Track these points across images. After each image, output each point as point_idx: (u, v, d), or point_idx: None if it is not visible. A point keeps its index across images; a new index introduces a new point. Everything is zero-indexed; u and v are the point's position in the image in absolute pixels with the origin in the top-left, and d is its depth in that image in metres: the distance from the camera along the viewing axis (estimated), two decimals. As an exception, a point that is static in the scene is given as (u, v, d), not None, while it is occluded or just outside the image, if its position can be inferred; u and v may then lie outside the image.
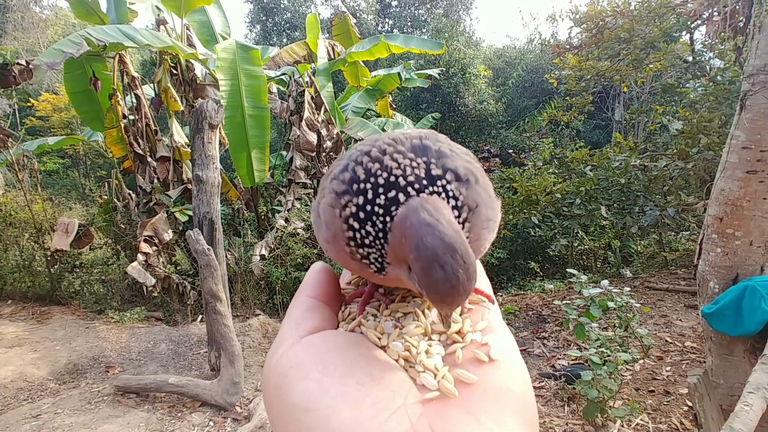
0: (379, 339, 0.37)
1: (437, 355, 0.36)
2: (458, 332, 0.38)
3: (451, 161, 0.37)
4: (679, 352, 3.88)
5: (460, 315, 0.39)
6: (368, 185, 0.35)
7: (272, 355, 0.36)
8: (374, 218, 0.35)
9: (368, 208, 0.35)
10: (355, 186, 0.36)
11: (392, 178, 0.35)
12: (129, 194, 6.42)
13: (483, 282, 0.44)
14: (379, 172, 0.36)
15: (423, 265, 0.32)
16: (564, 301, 3.31)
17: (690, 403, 2.98)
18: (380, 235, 0.35)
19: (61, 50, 4.54)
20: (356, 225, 0.36)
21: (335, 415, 0.30)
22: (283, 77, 7.44)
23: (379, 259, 0.36)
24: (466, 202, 0.36)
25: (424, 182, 0.35)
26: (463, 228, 0.35)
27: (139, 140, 6.19)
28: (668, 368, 3.62)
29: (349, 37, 8.19)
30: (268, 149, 6.44)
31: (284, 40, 17.05)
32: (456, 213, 0.35)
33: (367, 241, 0.36)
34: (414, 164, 0.36)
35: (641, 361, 3.46)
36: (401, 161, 0.36)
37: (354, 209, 0.35)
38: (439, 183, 0.36)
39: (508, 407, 0.32)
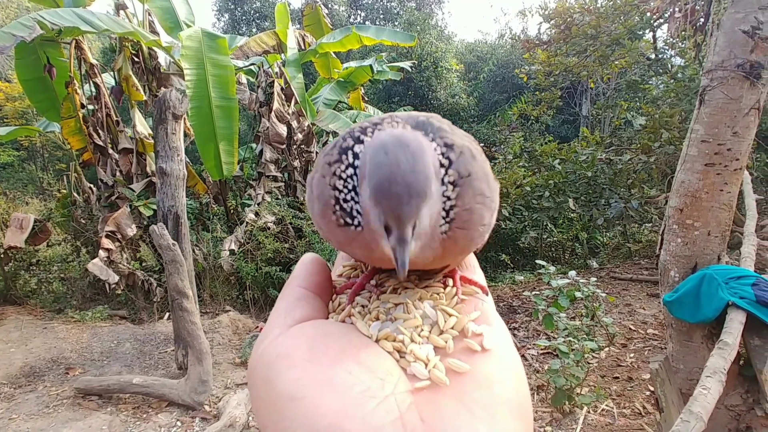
0: (369, 329, 0.36)
1: (428, 345, 0.36)
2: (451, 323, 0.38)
3: (450, 136, 0.36)
4: (642, 340, 4.03)
5: (453, 307, 0.39)
6: (357, 150, 0.35)
7: (259, 344, 0.35)
8: (356, 177, 0.34)
9: (352, 170, 0.34)
10: (344, 155, 0.35)
11: None
12: (89, 188, 6.12)
13: (477, 274, 0.44)
14: (368, 140, 0.35)
15: (372, 182, 0.31)
16: (533, 292, 3.36)
17: (652, 388, 3.09)
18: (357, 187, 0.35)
19: (11, 34, 4.25)
20: (342, 186, 0.35)
21: (322, 403, 0.29)
22: (251, 67, 7.25)
23: (357, 213, 0.35)
24: (457, 168, 0.35)
25: None
26: (452, 192, 0.34)
27: (99, 131, 5.90)
28: (632, 355, 3.76)
29: (320, 27, 8.04)
30: (237, 141, 6.27)
31: (254, 29, 16.64)
32: (443, 173, 0.34)
33: (348, 198, 0.35)
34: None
35: (606, 349, 3.58)
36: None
37: (342, 172, 0.35)
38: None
39: (500, 396, 0.32)
